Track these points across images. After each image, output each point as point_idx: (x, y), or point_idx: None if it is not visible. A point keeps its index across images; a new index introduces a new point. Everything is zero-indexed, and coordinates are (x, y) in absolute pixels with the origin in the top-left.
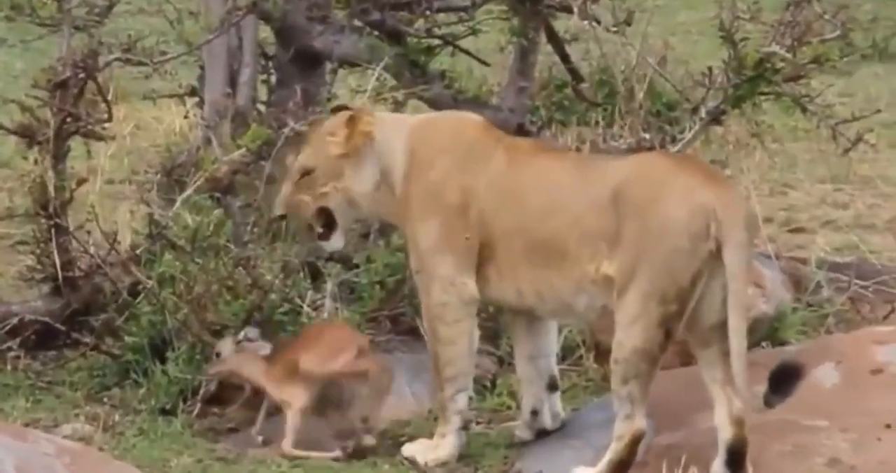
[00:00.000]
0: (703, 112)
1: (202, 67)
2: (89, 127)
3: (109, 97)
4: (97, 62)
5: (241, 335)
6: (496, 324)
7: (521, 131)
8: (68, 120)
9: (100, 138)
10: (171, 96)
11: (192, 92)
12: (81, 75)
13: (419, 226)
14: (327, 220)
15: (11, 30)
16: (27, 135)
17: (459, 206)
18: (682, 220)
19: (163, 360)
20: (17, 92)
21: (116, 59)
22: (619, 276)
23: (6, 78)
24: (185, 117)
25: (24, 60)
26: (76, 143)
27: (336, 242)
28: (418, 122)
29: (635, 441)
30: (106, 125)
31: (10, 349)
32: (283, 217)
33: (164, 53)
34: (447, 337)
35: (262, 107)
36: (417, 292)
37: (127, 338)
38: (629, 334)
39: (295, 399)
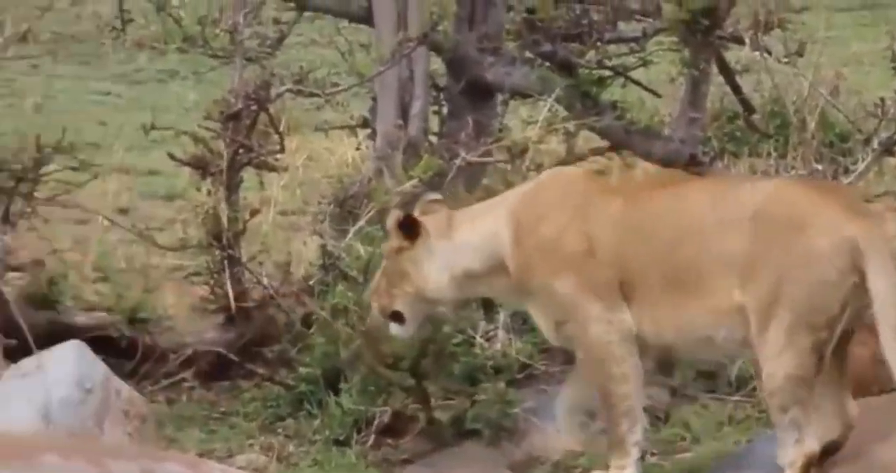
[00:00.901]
0: (875, 143)
1: (374, 99)
2: (262, 158)
3: (281, 128)
4: (269, 93)
5: None
6: (668, 356)
7: (693, 162)
8: (241, 151)
9: (272, 169)
10: (342, 127)
11: (364, 123)
12: (254, 107)
13: (553, 282)
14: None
15: (184, 62)
16: (200, 166)
17: (586, 252)
18: (827, 253)
19: (336, 391)
20: (191, 123)
21: (288, 91)
22: (758, 305)
23: (179, 110)
24: (357, 148)
25: (197, 92)
26: (249, 174)
27: (404, 331)
28: (513, 199)
29: (808, 463)
30: (278, 156)
31: (184, 380)
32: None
33: (335, 85)
34: (619, 374)
35: (433, 139)
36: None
37: (301, 369)
38: (780, 364)
39: None
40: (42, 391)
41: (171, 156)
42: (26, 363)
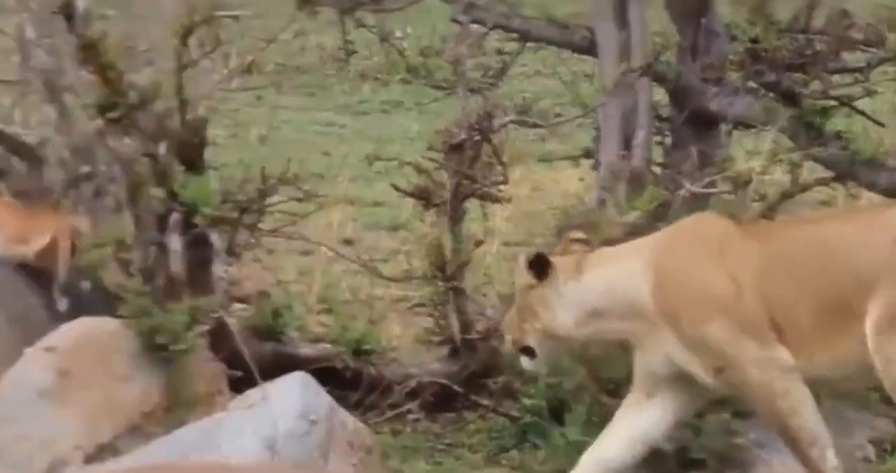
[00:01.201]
0: None
1: (597, 129)
2: (485, 189)
3: (504, 159)
4: (492, 124)
5: None
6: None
7: None
8: (464, 182)
9: (496, 200)
10: (566, 158)
11: (588, 154)
12: (477, 137)
13: (705, 329)
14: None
15: (408, 93)
16: (424, 197)
17: (734, 296)
18: None
19: (561, 422)
20: (414, 154)
21: (511, 122)
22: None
23: (403, 140)
24: (581, 179)
25: (420, 123)
26: (472, 205)
27: (534, 365)
28: (650, 246)
29: None
30: (501, 187)
31: (409, 411)
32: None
33: (559, 115)
34: (788, 409)
35: (657, 169)
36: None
37: (525, 400)
38: None
39: None
40: (267, 422)
41: (395, 187)
42: (252, 394)
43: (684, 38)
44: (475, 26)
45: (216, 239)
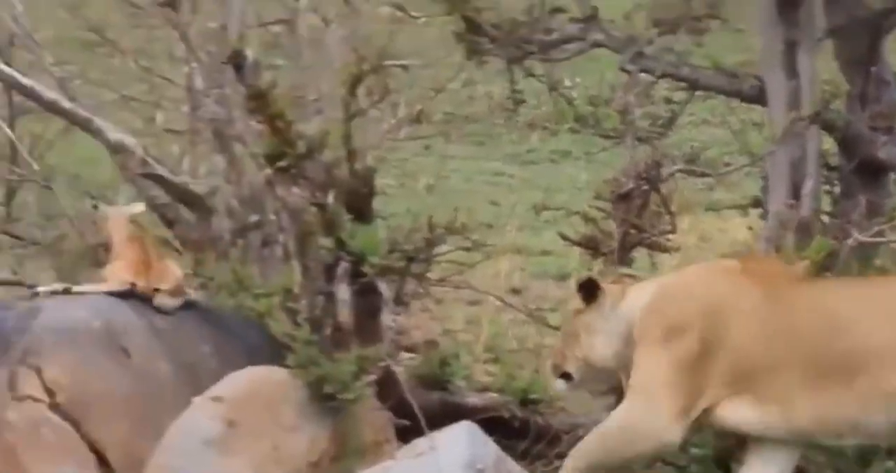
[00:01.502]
0: None
1: (765, 178)
2: (653, 238)
3: (672, 208)
4: (660, 173)
5: None
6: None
7: None
8: (632, 231)
9: (664, 250)
10: (733, 207)
11: (756, 203)
12: (645, 186)
13: (650, 350)
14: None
15: (576, 142)
16: (591, 246)
17: (695, 355)
18: None
19: (728, 471)
20: (582, 204)
21: (679, 171)
22: None
23: (571, 190)
24: (749, 228)
25: (588, 172)
26: (640, 255)
27: (566, 390)
28: (665, 277)
29: None
30: (669, 236)
31: None
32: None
33: (727, 164)
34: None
35: (825, 218)
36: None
37: (692, 450)
38: None
39: None
40: (435, 471)
41: (563, 236)
42: (419, 443)
43: (854, 87)
44: (644, 75)
45: (384, 288)
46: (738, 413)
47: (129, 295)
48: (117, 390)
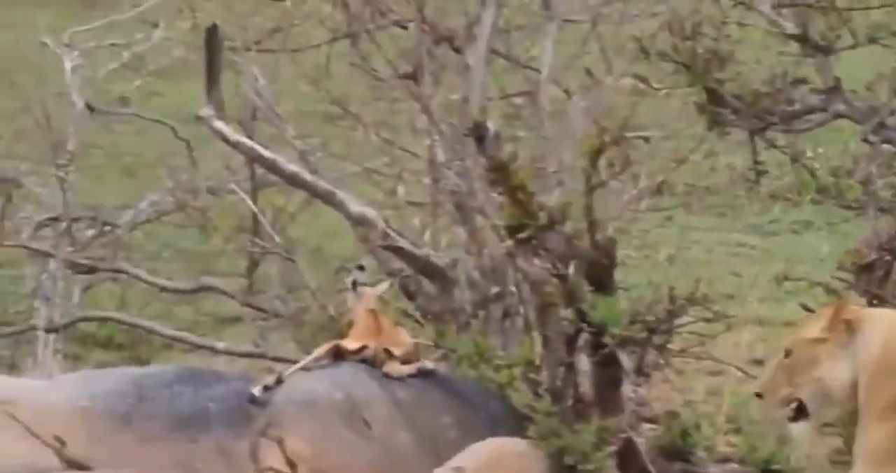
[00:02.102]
0: None
1: None
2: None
3: None
4: None
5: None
6: None
7: None
8: (874, 302)
9: None
10: None
11: None
12: (887, 257)
13: None
14: (801, 406)
15: (818, 213)
16: None
17: None
18: None
19: None
20: (824, 275)
21: None
22: None
23: (813, 261)
24: None
25: (831, 243)
26: None
27: (803, 432)
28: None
29: None
30: None
31: None
32: (759, 395)
33: None
34: None
35: None
36: None
37: None
38: None
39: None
40: None
41: (805, 307)
42: None
43: None
44: (886, 146)
45: (625, 359)
46: None
47: (361, 360)
48: (358, 461)
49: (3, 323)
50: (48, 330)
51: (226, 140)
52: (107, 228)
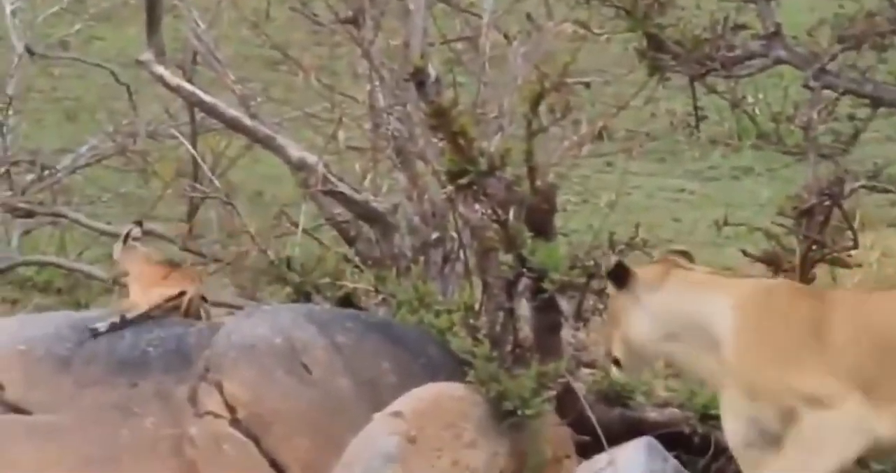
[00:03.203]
0: None
1: None
2: (835, 254)
3: (855, 224)
4: (843, 189)
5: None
6: None
7: None
8: (814, 247)
9: (845, 266)
10: None
11: None
12: (827, 203)
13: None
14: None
15: (758, 158)
16: (773, 262)
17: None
18: None
19: None
20: (763, 220)
21: (862, 187)
22: None
23: (753, 206)
24: None
25: (771, 189)
26: (822, 271)
27: (622, 375)
28: (742, 288)
29: None
30: (851, 253)
31: None
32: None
33: None
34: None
35: None
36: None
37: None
38: None
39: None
40: None
41: (745, 253)
42: (599, 459)
43: None
44: (827, 92)
45: (564, 304)
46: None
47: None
48: (298, 406)
49: None
50: None
51: (166, 84)
52: (46, 172)
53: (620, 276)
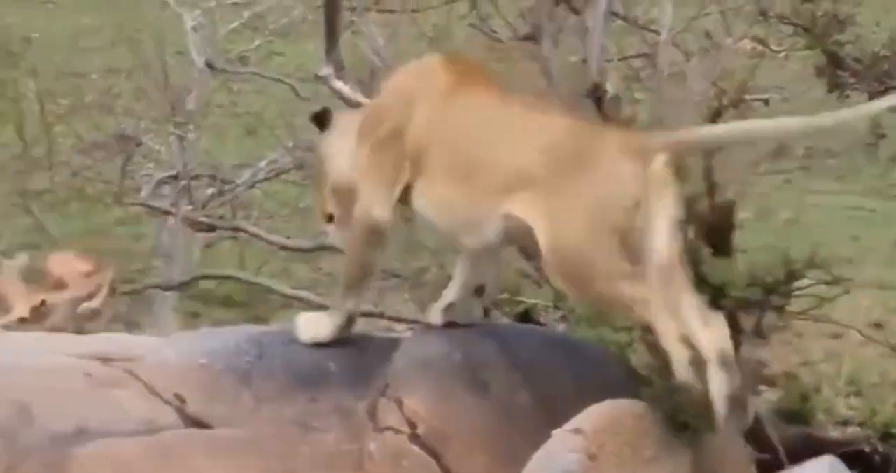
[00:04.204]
0: None
1: None
2: None
3: None
4: None
5: None
6: None
7: None
8: None
9: None
10: None
11: None
12: None
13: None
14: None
15: None
16: None
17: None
18: None
19: None
20: None
21: None
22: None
23: None
24: None
25: None
26: None
27: (335, 236)
28: None
29: None
30: None
31: None
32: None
33: None
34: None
35: None
36: None
37: None
38: None
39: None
40: None
41: None
42: None
43: None
44: None
45: (744, 321)
46: (416, 195)
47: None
48: (477, 422)
49: (123, 280)
50: (167, 288)
51: (345, 99)
52: (226, 187)
53: (323, 120)
